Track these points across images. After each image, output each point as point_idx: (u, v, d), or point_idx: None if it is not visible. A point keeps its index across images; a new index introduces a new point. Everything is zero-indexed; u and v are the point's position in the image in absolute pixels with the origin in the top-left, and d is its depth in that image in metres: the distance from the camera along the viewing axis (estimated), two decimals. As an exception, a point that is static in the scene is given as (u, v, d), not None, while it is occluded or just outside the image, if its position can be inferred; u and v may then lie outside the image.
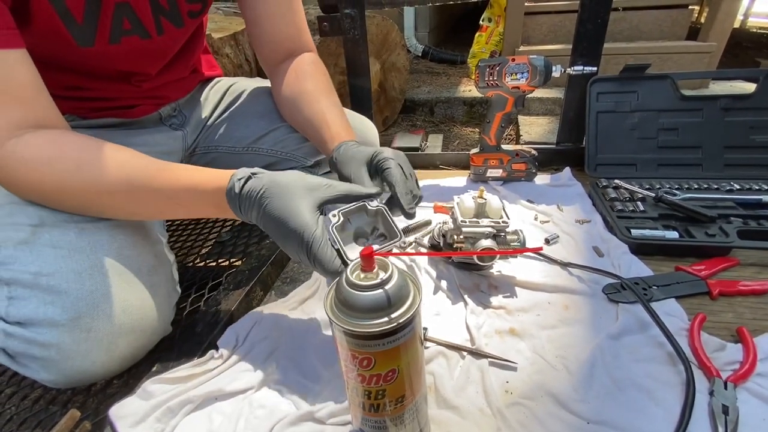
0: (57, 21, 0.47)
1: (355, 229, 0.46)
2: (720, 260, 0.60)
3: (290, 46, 0.67)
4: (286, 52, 0.67)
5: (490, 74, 0.80)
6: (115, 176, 0.44)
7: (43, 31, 0.48)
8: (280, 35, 0.65)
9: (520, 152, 0.86)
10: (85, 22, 0.50)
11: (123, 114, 0.63)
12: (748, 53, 2.96)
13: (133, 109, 0.64)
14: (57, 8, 0.46)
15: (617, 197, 0.75)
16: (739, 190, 0.73)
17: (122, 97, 0.63)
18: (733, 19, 1.88)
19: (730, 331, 0.49)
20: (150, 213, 0.49)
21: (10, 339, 0.43)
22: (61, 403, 0.49)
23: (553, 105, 1.94)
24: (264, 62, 0.70)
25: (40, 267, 0.43)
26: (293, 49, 0.67)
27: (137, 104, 0.64)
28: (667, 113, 0.83)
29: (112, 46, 0.53)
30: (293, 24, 0.66)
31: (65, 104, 0.46)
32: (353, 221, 0.45)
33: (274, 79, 0.69)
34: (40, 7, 0.46)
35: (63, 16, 0.48)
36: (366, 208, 0.45)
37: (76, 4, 0.48)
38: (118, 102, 0.63)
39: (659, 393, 0.42)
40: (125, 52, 0.55)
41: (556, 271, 0.61)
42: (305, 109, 0.63)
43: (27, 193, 0.46)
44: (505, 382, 0.44)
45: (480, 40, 2.35)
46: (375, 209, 0.45)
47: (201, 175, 0.46)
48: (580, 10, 0.82)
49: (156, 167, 0.46)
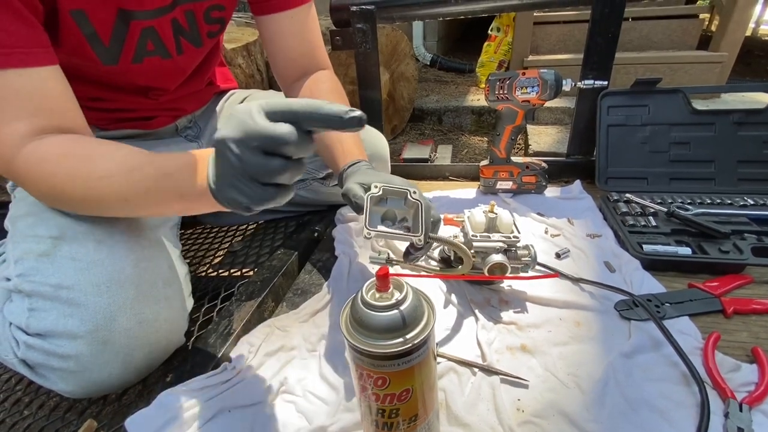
0: (84, 43, 0.49)
1: (387, 210, 0.47)
2: (734, 277, 0.59)
3: (305, 63, 0.68)
4: (302, 70, 0.68)
5: (500, 88, 0.80)
6: (117, 162, 0.43)
7: (69, 50, 0.49)
8: (294, 52, 0.67)
9: (530, 165, 0.86)
10: (111, 44, 0.51)
11: (141, 125, 0.65)
12: (761, 62, 2.93)
13: (150, 120, 0.66)
14: (85, 32, 0.48)
15: (628, 211, 0.75)
16: (753, 205, 0.73)
17: (141, 109, 0.64)
18: (745, 28, 1.87)
19: (745, 351, 0.48)
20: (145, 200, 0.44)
21: (30, 350, 0.44)
22: (77, 412, 0.50)
23: (563, 114, 1.93)
24: (280, 79, 0.71)
25: (60, 279, 0.45)
26: (308, 65, 0.68)
27: (155, 116, 0.66)
28: (678, 127, 0.82)
29: (134, 65, 0.55)
30: (308, 42, 0.67)
31: (87, 115, 0.47)
32: (389, 202, 0.46)
33: (289, 96, 0.70)
34: (69, 32, 0.47)
35: (90, 40, 0.49)
36: (407, 197, 0.46)
37: (104, 29, 0.50)
38: (137, 113, 0.64)
39: (673, 414, 0.41)
40: (146, 71, 0.57)
41: (567, 286, 0.61)
42: None
43: (40, 189, 0.46)
44: (516, 400, 0.44)
45: (488, 49, 2.36)
46: (414, 201, 0.45)
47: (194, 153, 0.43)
48: (590, 25, 0.83)
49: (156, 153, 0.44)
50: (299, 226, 0.83)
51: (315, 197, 0.82)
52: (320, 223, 0.81)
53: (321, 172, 0.77)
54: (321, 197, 0.83)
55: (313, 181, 0.79)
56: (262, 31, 0.66)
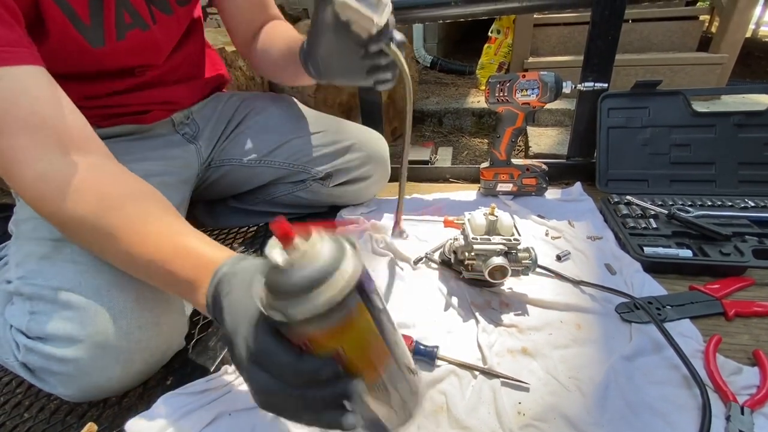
0: (69, 26, 0.49)
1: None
2: (735, 280, 0.59)
3: (259, 18, 0.70)
4: (257, 24, 0.71)
5: (500, 90, 0.80)
6: (141, 245, 0.40)
7: (59, 39, 0.49)
8: (247, 14, 0.69)
9: (530, 167, 0.86)
10: (92, 22, 0.51)
11: (136, 120, 0.65)
12: (761, 63, 2.93)
13: (145, 114, 0.65)
14: (64, 10, 0.48)
15: (629, 213, 0.75)
16: (754, 207, 0.73)
17: (134, 104, 0.64)
18: (745, 30, 1.87)
19: (747, 353, 0.48)
20: (147, 280, 0.43)
21: (30, 354, 0.44)
22: (77, 415, 0.50)
23: (563, 116, 1.93)
24: (240, 46, 0.73)
25: (61, 282, 0.45)
26: (262, 19, 0.71)
27: (149, 110, 0.66)
28: (679, 129, 0.82)
29: (120, 42, 0.55)
30: (257, 1, 0.69)
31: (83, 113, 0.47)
32: None
33: (252, 58, 0.72)
34: (51, 14, 0.47)
35: (72, 19, 0.49)
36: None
37: (81, 4, 0.49)
38: (130, 108, 0.64)
39: (674, 417, 0.41)
40: (132, 47, 0.57)
41: (568, 288, 0.60)
42: (278, 40, 0.66)
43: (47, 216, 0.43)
44: (517, 403, 0.44)
45: (488, 51, 2.36)
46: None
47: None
48: (590, 27, 0.83)
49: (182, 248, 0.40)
50: (300, 228, 0.83)
51: (315, 198, 0.82)
52: (321, 226, 0.81)
53: (321, 172, 0.77)
54: (321, 198, 0.83)
55: (312, 181, 0.79)
56: (217, 5, 0.69)
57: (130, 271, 0.43)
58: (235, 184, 0.80)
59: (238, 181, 0.79)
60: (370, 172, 0.82)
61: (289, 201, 0.83)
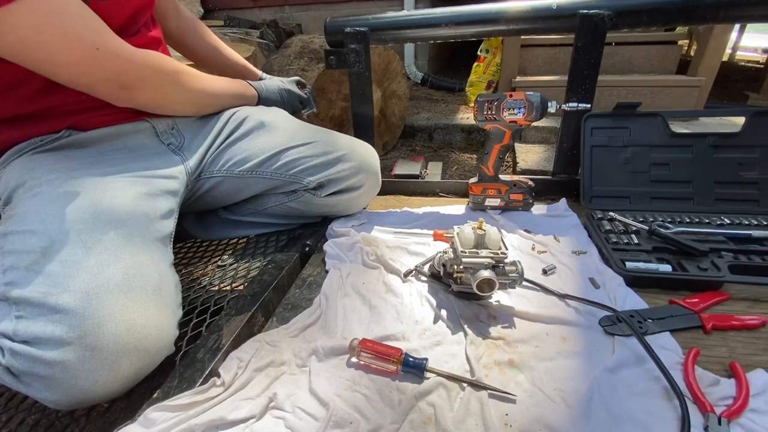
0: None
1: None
2: (712, 294, 0.61)
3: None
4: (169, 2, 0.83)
5: (488, 109, 0.83)
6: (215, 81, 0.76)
7: None
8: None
9: (517, 183, 0.88)
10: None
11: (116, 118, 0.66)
12: (737, 86, 3.07)
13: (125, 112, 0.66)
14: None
15: (612, 229, 0.77)
16: (729, 224, 0.76)
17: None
18: (722, 55, 1.97)
19: (724, 365, 0.50)
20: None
21: (15, 357, 0.44)
22: (59, 429, 0.49)
23: (549, 134, 1.99)
24: (166, 29, 0.82)
25: (49, 287, 0.45)
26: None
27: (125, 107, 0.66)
28: (658, 149, 0.86)
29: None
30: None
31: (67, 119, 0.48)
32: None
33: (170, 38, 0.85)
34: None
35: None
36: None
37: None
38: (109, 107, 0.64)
39: (655, 428, 0.42)
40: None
41: (553, 302, 0.62)
42: (206, 38, 0.92)
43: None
44: (504, 415, 0.45)
45: (478, 69, 2.43)
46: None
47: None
48: (573, 52, 0.86)
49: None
50: (290, 240, 0.84)
51: (307, 208, 0.83)
52: (311, 238, 0.82)
53: (312, 182, 0.78)
54: (312, 208, 0.83)
55: (304, 192, 0.80)
56: None
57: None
58: (226, 195, 0.81)
59: (229, 191, 0.80)
60: (362, 182, 0.83)
61: (281, 211, 0.84)
